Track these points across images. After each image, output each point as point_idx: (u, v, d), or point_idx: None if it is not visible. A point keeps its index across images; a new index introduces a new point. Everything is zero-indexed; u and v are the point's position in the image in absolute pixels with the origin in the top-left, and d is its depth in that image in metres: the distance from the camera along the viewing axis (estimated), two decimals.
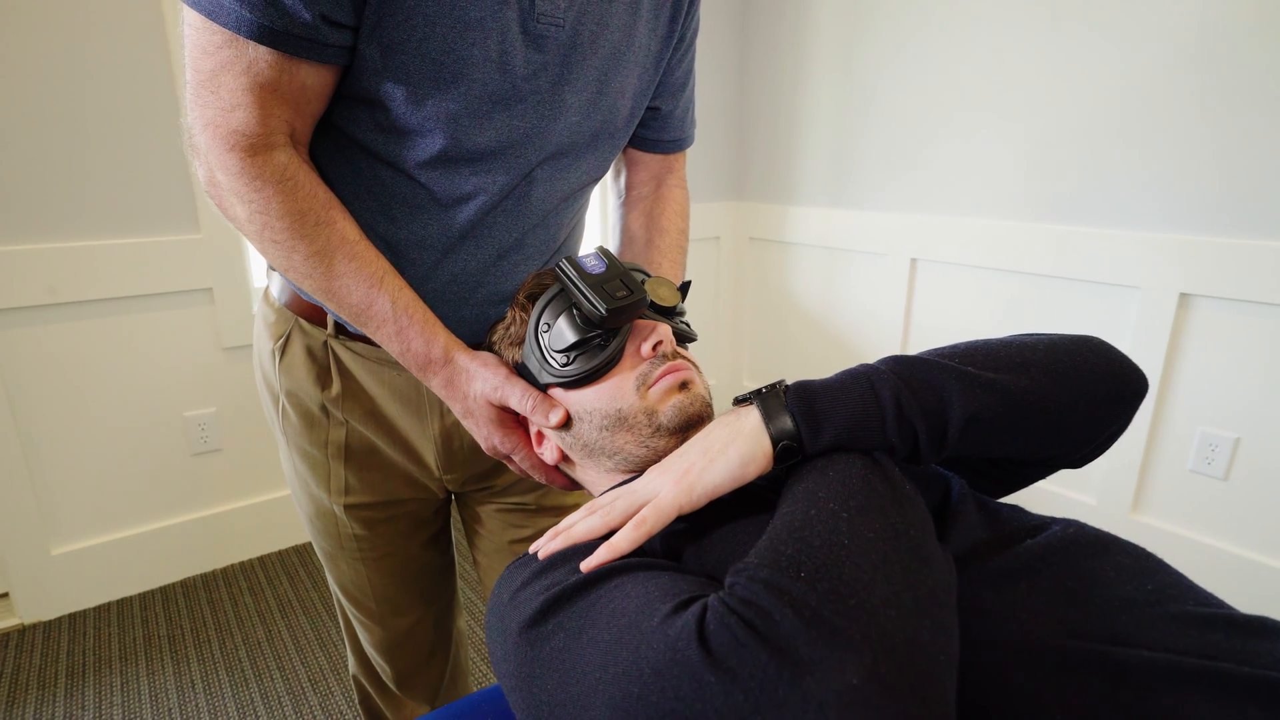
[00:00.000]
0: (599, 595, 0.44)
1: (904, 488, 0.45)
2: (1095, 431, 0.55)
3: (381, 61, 0.62)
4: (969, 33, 1.98)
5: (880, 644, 0.33)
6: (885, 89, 2.22)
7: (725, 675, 0.34)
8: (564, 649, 0.43)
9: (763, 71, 2.59)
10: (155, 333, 1.75)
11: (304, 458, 0.85)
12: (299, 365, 0.80)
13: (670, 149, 0.91)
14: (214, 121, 0.60)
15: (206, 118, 0.60)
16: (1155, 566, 0.47)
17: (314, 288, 0.67)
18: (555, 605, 0.45)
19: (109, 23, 1.56)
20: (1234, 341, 1.64)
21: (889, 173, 2.25)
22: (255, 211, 0.62)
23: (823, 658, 0.33)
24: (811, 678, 0.32)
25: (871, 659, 0.32)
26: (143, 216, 1.67)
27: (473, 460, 0.86)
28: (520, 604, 0.48)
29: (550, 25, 0.67)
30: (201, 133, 0.61)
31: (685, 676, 0.35)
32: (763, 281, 2.77)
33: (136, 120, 1.63)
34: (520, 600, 0.48)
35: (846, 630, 0.33)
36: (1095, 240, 1.81)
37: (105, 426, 1.73)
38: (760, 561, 0.39)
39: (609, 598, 0.43)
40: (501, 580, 0.53)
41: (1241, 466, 1.68)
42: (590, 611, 0.43)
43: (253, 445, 1.94)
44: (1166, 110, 1.65)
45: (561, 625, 0.44)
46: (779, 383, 0.53)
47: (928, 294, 2.23)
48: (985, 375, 0.50)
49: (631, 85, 0.78)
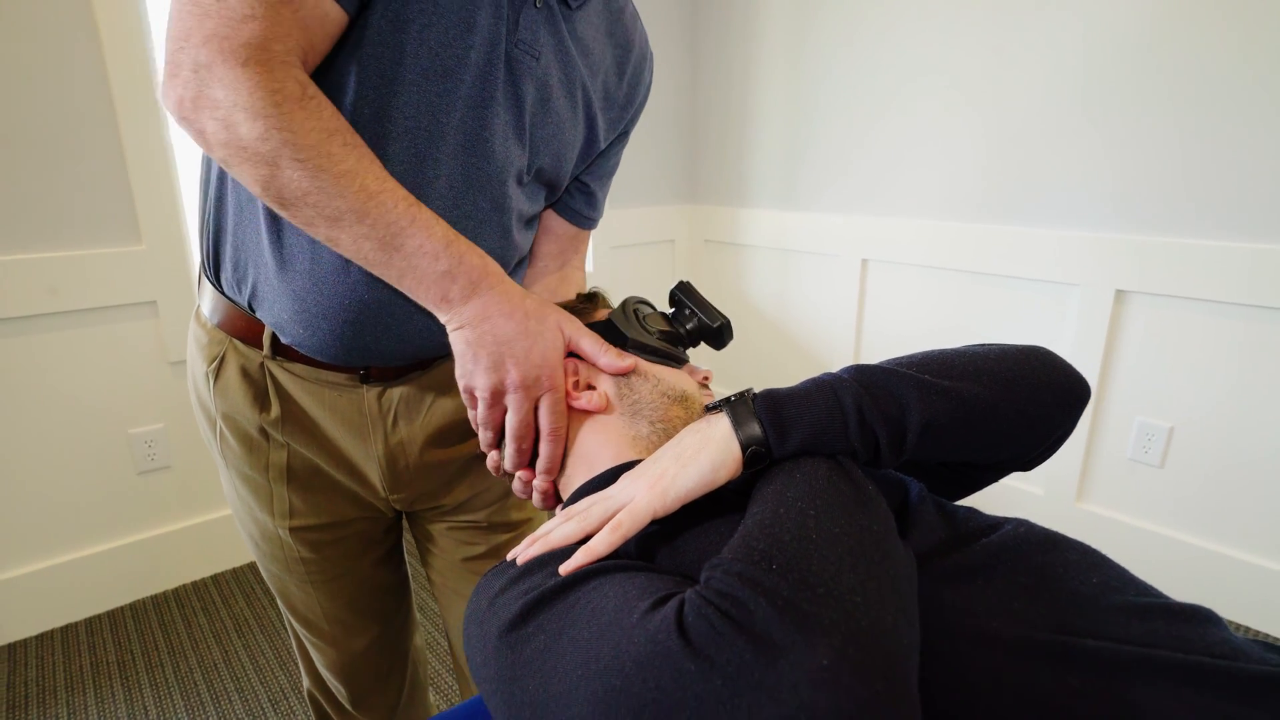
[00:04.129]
0: (578, 596, 0.45)
1: (867, 488, 0.48)
2: (1042, 435, 0.59)
3: (385, 33, 0.62)
4: (912, 39, 2.05)
5: (847, 628, 0.35)
6: (832, 94, 2.27)
7: (704, 662, 0.36)
8: (545, 649, 0.43)
9: (713, 76, 2.62)
10: (98, 348, 1.68)
11: (245, 481, 0.83)
12: (235, 388, 0.78)
13: (582, 223, 0.92)
14: (218, 33, 0.55)
15: (208, 29, 0.55)
16: (1100, 561, 0.51)
17: (343, 207, 0.59)
18: (535, 608, 0.46)
19: (39, 24, 1.50)
20: (1166, 335, 1.73)
21: (838, 175, 2.31)
22: (273, 128, 0.56)
23: (795, 641, 0.35)
24: (785, 660, 0.34)
25: (840, 641, 0.35)
26: (81, 228, 1.61)
27: (419, 479, 0.85)
28: (499, 609, 0.48)
29: (525, 54, 0.69)
30: (202, 46, 0.55)
31: (665, 666, 0.37)
32: (718, 283, 2.80)
33: (71, 127, 1.57)
34: (499, 605, 0.49)
35: (816, 616, 0.36)
36: (1037, 240, 1.88)
37: (47, 446, 1.66)
38: (734, 556, 0.41)
39: (588, 598, 0.44)
40: (479, 587, 0.54)
41: (1176, 454, 1.77)
42: (570, 612, 0.44)
43: (204, 461, 1.89)
44: (1100, 115, 1.73)
45: (542, 627, 0.45)
46: (747, 391, 0.55)
47: (879, 293, 2.29)
48: (941, 383, 0.53)
49: (572, 144, 0.80)
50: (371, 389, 0.79)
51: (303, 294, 0.69)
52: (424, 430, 0.83)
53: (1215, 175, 1.60)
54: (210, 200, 0.73)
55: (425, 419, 0.83)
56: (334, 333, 0.71)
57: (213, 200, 0.73)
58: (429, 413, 0.83)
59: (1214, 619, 0.47)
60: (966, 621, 0.46)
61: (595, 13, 0.78)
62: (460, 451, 0.86)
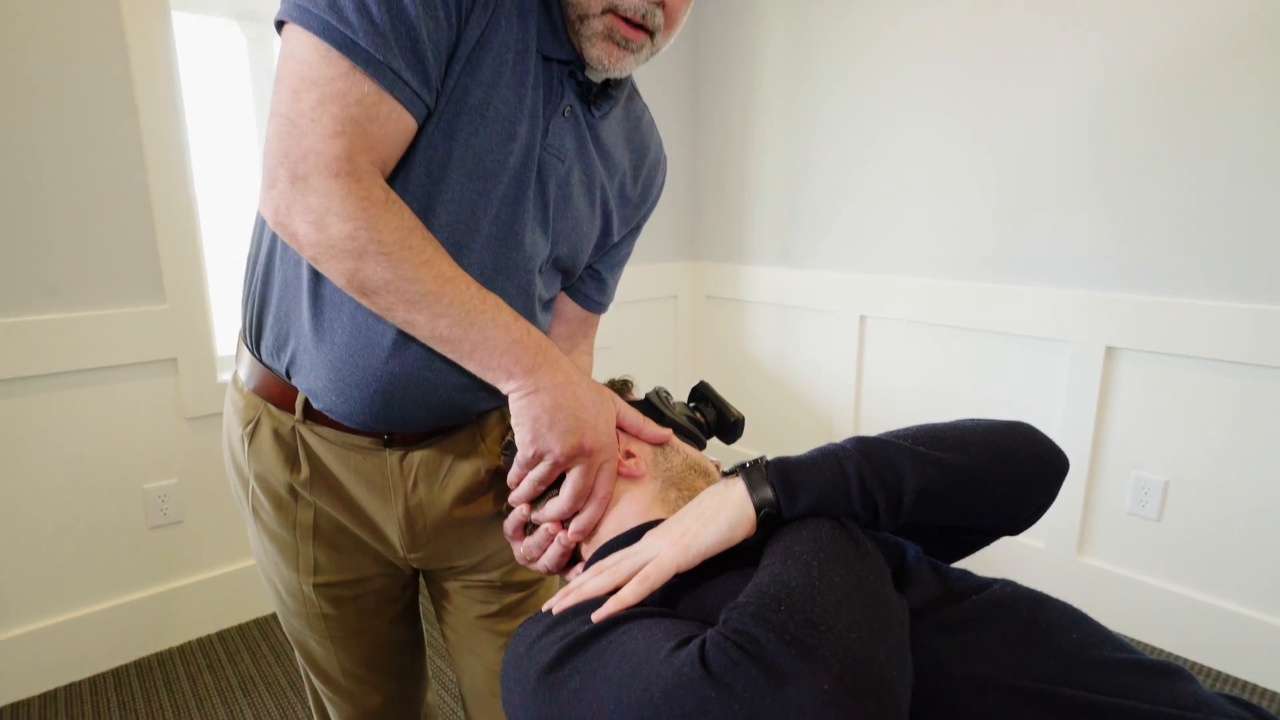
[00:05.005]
0: (609, 640, 0.50)
1: (865, 544, 0.55)
2: (1025, 503, 0.64)
3: (436, 139, 0.70)
4: (907, 101, 2.15)
5: (845, 659, 0.42)
6: (828, 155, 2.37)
7: (723, 689, 0.41)
8: (580, 689, 0.49)
9: (714, 139, 2.74)
10: (117, 404, 1.73)
11: (273, 539, 0.87)
12: (268, 449, 0.82)
13: (593, 308, 0.98)
14: (314, 149, 0.62)
15: (305, 146, 0.62)
16: (1080, 618, 0.57)
17: (419, 291, 0.66)
18: (570, 652, 0.51)
19: (77, 92, 1.59)
20: (1158, 391, 1.78)
21: (835, 234, 2.39)
22: (361, 228, 0.63)
23: (800, 670, 0.41)
24: (792, 686, 0.40)
25: (839, 669, 0.41)
26: (107, 287, 1.68)
27: (437, 539, 0.89)
28: (537, 654, 0.53)
29: (553, 156, 0.77)
30: (300, 161, 0.63)
31: (690, 694, 0.42)
32: (719, 338, 2.86)
33: (102, 191, 1.64)
34: (537, 650, 0.54)
35: (819, 649, 0.42)
36: (1029, 298, 1.95)
37: (60, 502, 1.69)
38: (748, 600, 0.47)
39: (619, 642, 0.50)
40: (516, 635, 0.59)
41: (1173, 508, 1.80)
42: (603, 655, 0.49)
43: (214, 515, 1.91)
44: (1092, 177, 1.82)
45: (577, 669, 0.50)
46: (760, 458, 0.61)
47: (877, 348, 2.35)
48: (934, 454, 0.59)
49: (588, 237, 0.88)
50: (394, 453, 0.84)
51: (338, 364, 0.75)
52: (442, 493, 0.87)
53: (1204, 235, 1.67)
54: (257, 276, 0.79)
55: (444, 482, 0.87)
56: (365, 401, 0.76)
57: (259, 276, 0.79)
58: (448, 476, 0.87)
59: (1185, 675, 0.52)
60: (958, 668, 0.51)
61: (616, 120, 0.85)
62: (476, 513, 0.90)
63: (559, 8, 0.73)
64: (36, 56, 1.53)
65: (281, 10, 0.64)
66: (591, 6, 0.70)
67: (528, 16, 0.72)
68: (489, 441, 0.90)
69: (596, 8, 0.70)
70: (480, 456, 0.89)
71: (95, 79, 1.60)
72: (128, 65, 1.63)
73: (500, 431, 0.91)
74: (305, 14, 0.62)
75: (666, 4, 0.71)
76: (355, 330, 0.73)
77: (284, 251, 0.76)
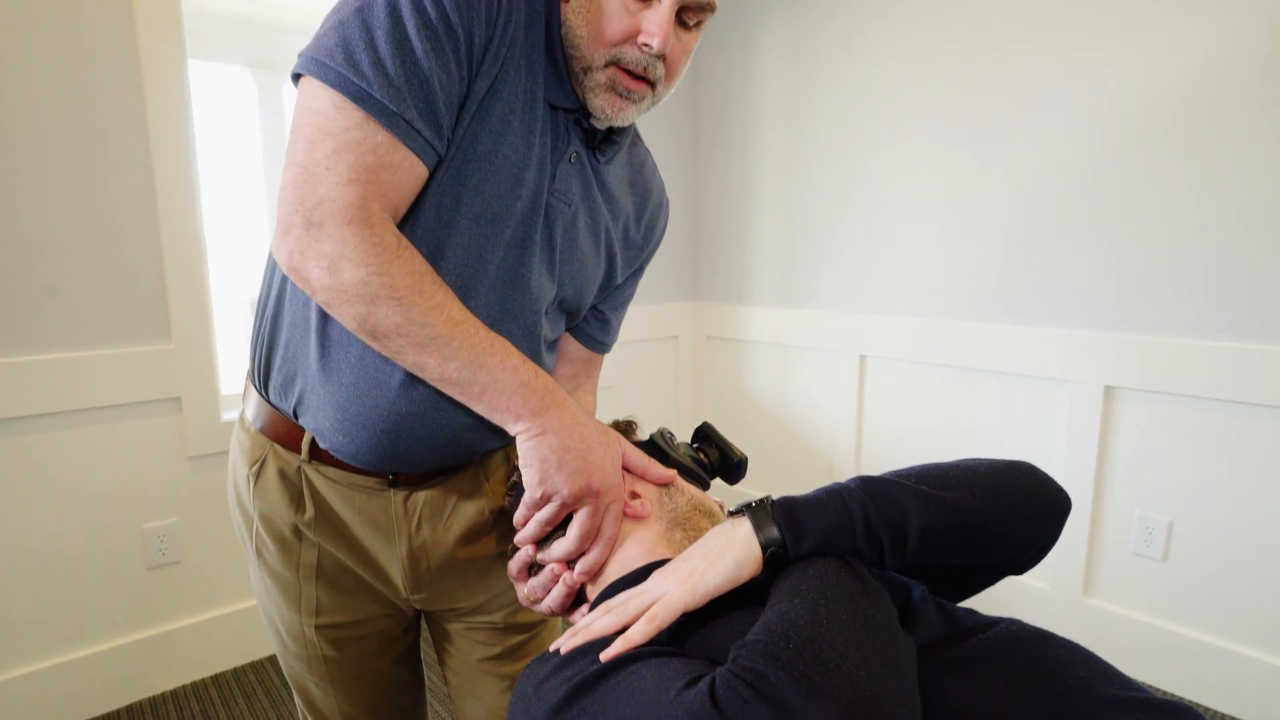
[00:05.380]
0: (618, 680, 0.50)
1: (871, 583, 0.55)
2: (1028, 541, 0.65)
3: (445, 185, 0.72)
4: (905, 140, 2.20)
5: (854, 696, 0.42)
6: (827, 197, 2.41)
7: None
8: None
9: (714, 181, 2.79)
10: (119, 443, 1.73)
11: (275, 580, 0.87)
12: (273, 489, 0.83)
13: (597, 348, 1.00)
14: (328, 197, 0.64)
15: (320, 194, 0.64)
16: (1087, 657, 0.57)
17: (430, 335, 0.67)
18: (579, 692, 0.51)
19: (94, 136, 1.62)
20: (1158, 430, 1.79)
21: (834, 274, 2.42)
22: (373, 274, 0.65)
23: (810, 707, 0.41)
24: None
25: (848, 706, 0.41)
26: (115, 327, 1.69)
27: (440, 580, 0.89)
28: (545, 694, 0.53)
29: (560, 201, 0.79)
30: (315, 208, 0.64)
31: None
32: (720, 378, 2.88)
33: (114, 232, 1.67)
34: (545, 691, 0.54)
35: (828, 686, 0.42)
36: (1028, 338, 1.97)
37: (58, 541, 1.68)
38: (757, 639, 0.47)
39: (627, 681, 0.50)
40: (525, 675, 0.59)
41: (1178, 548, 1.79)
42: (612, 694, 0.49)
43: (213, 556, 1.90)
44: (1092, 217, 1.85)
45: (585, 709, 0.50)
46: (766, 498, 0.62)
47: (877, 388, 2.36)
48: (937, 493, 0.60)
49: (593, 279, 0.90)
50: (398, 493, 0.84)
51: (345, 404, 0.76)
52: (446, 533, 0.87)
53: (1202, 275, 1.69)
54: (266, 317, 0.81)
55: (448, 522, 0.87)
56: (371, 441, 0.77)
57: (269, 317, 0.80)
58: (452, 516, 0.87)
59: (1193, 715, 0.52)
60: (967, 706, 0.51)
61: (620, 165, 0.88)
62: (480, 553, 0.90)
63: (564, 60, 0.76)
64: (57, 100, 1.57)
65: (299, 64, 0.67)
66: (595, 59, 0.73)
67: (535, 68, 0.75)
68: (493, 482, 0.90)
69: (600, 60, 0.73)
70: (484, 497, 0.89)
71: (113, 124, 1.64)
72: (144, 110, 1.67)
73: (505, 472, 0.92)
74: (322, 68, 0.64)
75: (667, 57, 0.74)
76: (363, 371, 0.75)
77: (293, 293, 0.78)
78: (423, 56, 0.65)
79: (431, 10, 0.65)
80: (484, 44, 0.70)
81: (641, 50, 0.72)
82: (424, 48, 0.65)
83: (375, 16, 0.64)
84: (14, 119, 1.53)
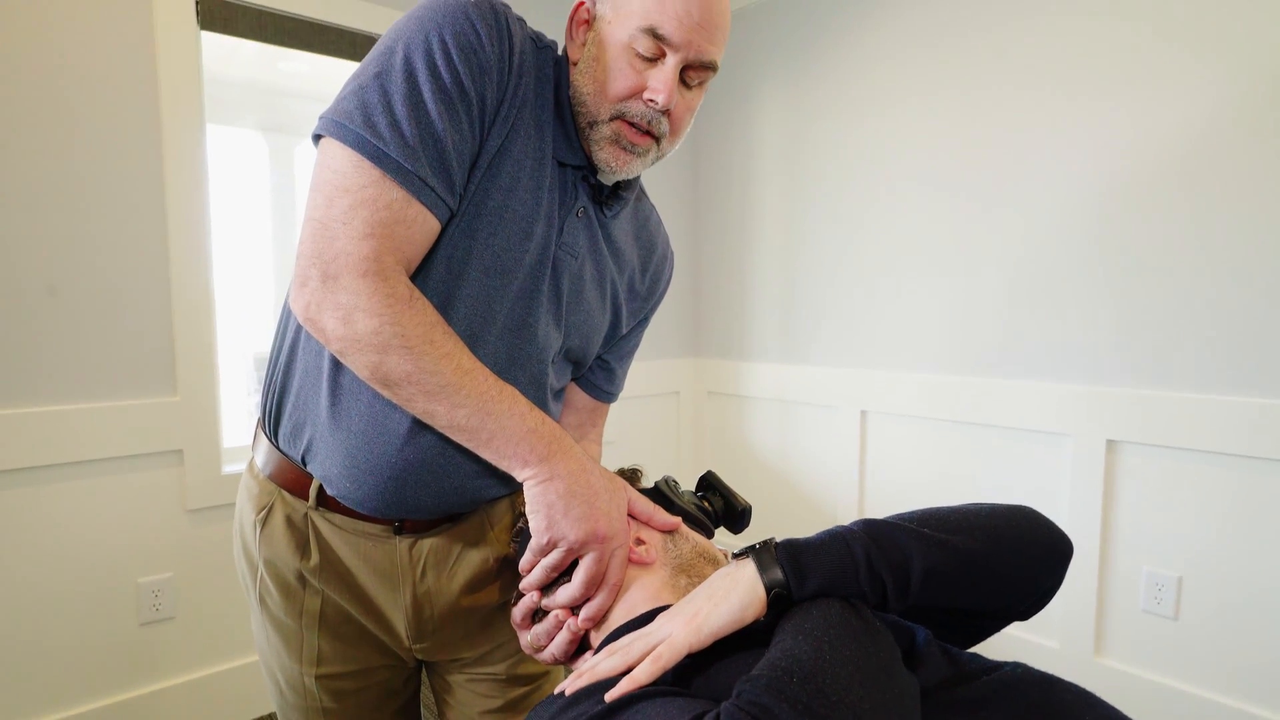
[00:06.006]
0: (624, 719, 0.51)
1: (874, 623, 0.56)
2: (1031, 585, 0.65)
3: (457, 238, 0.74)
4: (903, 203, 2.26)
5: None
6: (827, 255, 2.46)
7: None
8: None
9: (714, 239, 2.85)
10: (118, 495, 1.72)
11: (277, 628, 0.86)
12: (280, 535, 0.83)
13: (602, 397, 1.02)
14: (344, 250, 0.67)
15: (337, 248, 0.67)
16: (1094, 701, 0.56)
17: (439, 383, 0.69)
18: None
19: (113, 195, 1.67)
20: (1162, 484, 1.78)
21: (834, 331, 2.45)
22: (386, 323, 0.67)
23: None
24: None
25: None
26: (122, 379, 1.71)
27: (443, 629, 0.88)
28: None
29: (567, 254, 0.82)
30: (331, 261, 0.67)
31: None
32: (721, 433, 2.88)
33: (126, 286, 1.70)
34: None
35: (830, 718, 0.43)
36: (1029, 392, 1.98)
37: (49, 596, 1.65)
38: (761, 673, 0.48)
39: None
40: (531, 716, 0.59)
41: (1189, 605, 1.76)
42: None
43: (207, 611, 1.86)
44: (1090, 273, 1.88)
45: None
46: (770, 540, 0.62)
47: (879, 443, 2.36)
48: (939, 536, 0.61)
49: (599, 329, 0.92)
50: (404, 540, 0.84)
51: (354, 450, 0.77)
52: (451, 581, 0.87)
53: (1204, 330, 1.71)
54: (279, 365, 0.83)
55: (452, 570, 0.87)
56: (378, 487, 0.78)
57: (282, 365, 0.82)
58: (456, 564, 0.87)
59: None
60: None
61: (626, 219, 0.92)
62: (484, 601, 0.90)
63: (572, 119, 0.80)
64: (80, 157, 1.63)
65: (319, 126, 0.70)
66: (601, 114, 0.77)
67: (544, 128, 0.79)
68: (498, 530, 0.90)
69: (605, 115, 0.77)
70: (490, 545, 0.89)
71: (132, 183, 1.70)
72: (161, 171, 1.73)
73: (510, 520, 0.92)
74: (342, 129, 0.68)
75: (671, 113, 0.78)
76: (372, 418, 0.76)
77: (307, 342, 0.80)
78: (437, 119, 0.69)
79: (446, 76, 0.69)
80: (495, 106, 0.74)
81: (647, 105, 0.76)
82: (438, 110, 0.69)
83: (393, 82, 0.68)
84: (39, 174, 1.59)
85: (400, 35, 0.70)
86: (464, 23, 0.71)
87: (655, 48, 0.74)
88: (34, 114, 1.58)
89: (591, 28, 0.78)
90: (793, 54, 2.53)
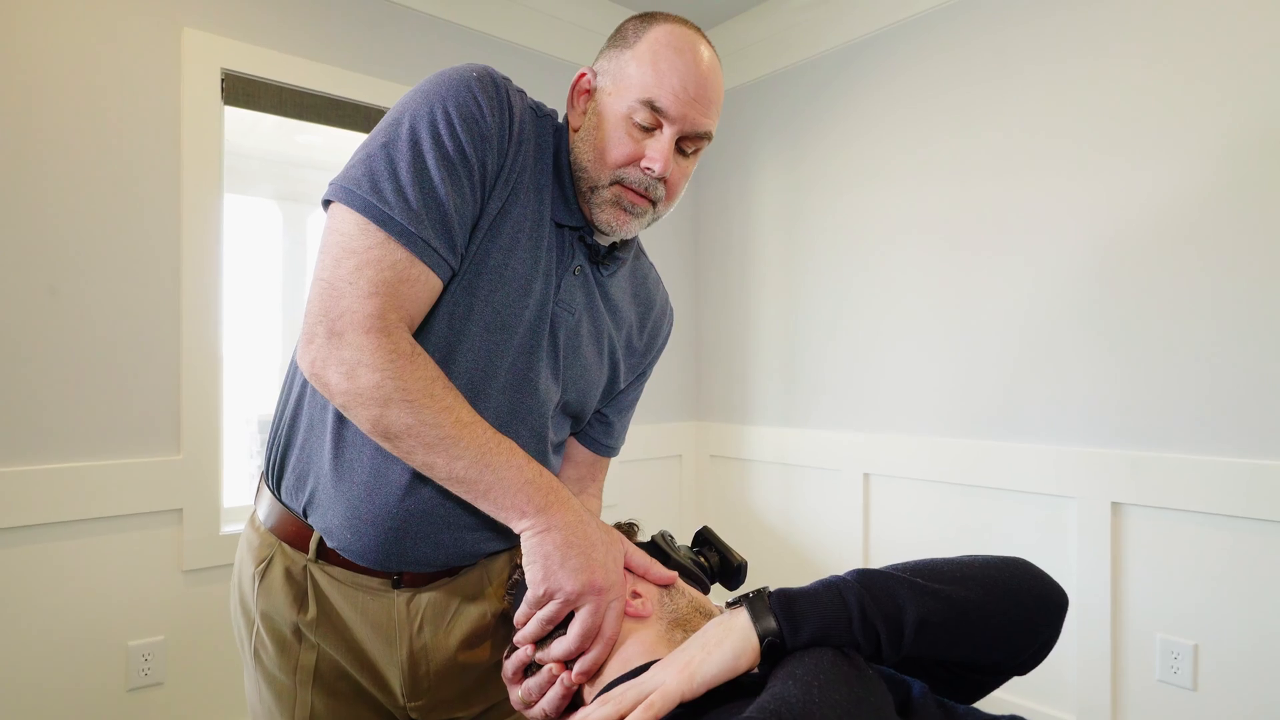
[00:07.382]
0: None
1: (866, 671, 0.56)
2: (1026, 637, 0.65)
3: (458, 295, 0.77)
4: (902, 267, 2.30)
5: None
6: (827, 318, 2.50)
7: None
8: None
9: (715, 303, 2.89)
10: (114, 555, 1.71)
11: (271, 685, 0.85)
12: (278, 588, 0.83)
13: (602, 451, 1.04)
14: (350, 308, 0.69)
15: (343, 306, 0.69)
16: None
17: (439, 436, 0.71)
18: None
19: (130, 261, 1.73)
20: (1169, 547, 1.75)
21: (836, 394, 2.46)
22: (387, 378, 0.69)
23: None
24: None
25: None
26: (126, 437, 1.72)
27: (439, 686, 0.87)
28: None
29: (564, 310, 0.85)
30: (338, 319, 0.69)
31: None
32: (723, 496, 2.85)
33: (137, 347, 1.74)
34: None
35: None
36: (1032, 455, 1.97)
37: (35, 659, 1.62)
38: (750, 715, 0.48)
39: None
40: None
41: (1207, 675, 1.70)
42: None
43: (198, 676, 1.82)
44: (1087, 339, 1.90)
45: None
46: (763, 589, 0.62)
47: (883, 506, 2.34)
48: (933, 586, 0.61)
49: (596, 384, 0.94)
50: (402, 594, 0.84)
51: (355, 503, 0.78)
52: (448, 636, 0.87)
53: (1207, 391, 1.71)
54: (284, 420, 0.85)
55: (450, 625, 0.87)
56: (378, 539, 0.79)
57: (287, 420, 0.84)
58: (454, 619, 0.87)
59: None
60: None
61: (623, 278, 0.95)
62: (481, 658, 0.89)
63: (571, 182, 0.84)
64: (101, 221, 1.69)
65: (329, 192, 0.74)
66: (601, 179, 0.81)
67: (543, 191, 0.84)
68: (496, 585, 0.90)
69: (605, 180, 0.81)
70: (487, 600, 0.89)
71: (150, 248, 1.76)
72: (179, 238, 1.79)
73: (508, 574, 0.92)
74: (350, 195, 0.72)
75: (667, 180, 0.82)
76: (374, 470, 0.78)
77: (312, 397, 0.82)
78: (440, 184, 0.73)
79: (449, 144, 0.74)
80: (496, 171, 0.78)
81: (644, 173, 0.80)
82: (441, 176, 0.73)
83: (399, 151, 0.72)
84: (61, 236, 1.64)
85: (406, 107, 0.75)
86: (466, 95, 0.75)
87: (653, 119, 0.79)
88: (61, 179, 1.65)
89: (592, 98, 0.83)
90: (787, 125, 2.64)
